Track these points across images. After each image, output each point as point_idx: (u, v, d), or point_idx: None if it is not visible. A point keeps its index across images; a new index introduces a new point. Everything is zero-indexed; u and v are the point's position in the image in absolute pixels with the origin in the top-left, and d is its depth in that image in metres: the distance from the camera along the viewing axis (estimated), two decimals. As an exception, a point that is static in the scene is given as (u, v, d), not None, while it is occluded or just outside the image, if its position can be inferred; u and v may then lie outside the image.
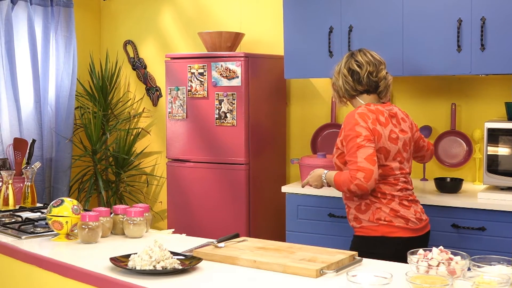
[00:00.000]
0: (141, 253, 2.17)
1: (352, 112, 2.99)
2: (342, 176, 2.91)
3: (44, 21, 4.97)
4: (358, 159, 2.84)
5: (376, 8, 3.88)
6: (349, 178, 2.85)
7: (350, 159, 2.87)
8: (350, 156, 2.87)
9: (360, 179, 2.80)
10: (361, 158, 2.83)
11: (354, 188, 2.84)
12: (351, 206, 3.02)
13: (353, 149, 2.86)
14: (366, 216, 2.95)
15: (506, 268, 1.98)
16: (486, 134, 3.54)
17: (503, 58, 3.51)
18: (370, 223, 2.94)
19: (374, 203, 2.95)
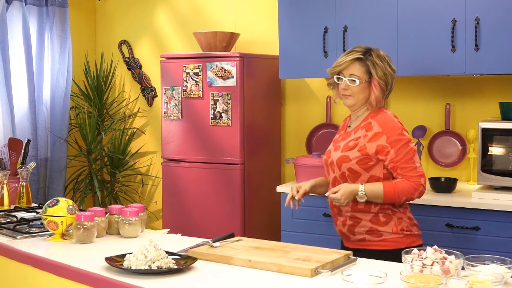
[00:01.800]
0: (136, 253, 2.17)
1: (387, 116, 2.80)
2: (399, 185, 2.70)
3: (39, 21, 4.96)
4: (417, 164, 2.73)
5: (371, 8, 3.89)
6: (413, 186, 2.70)
7: (406, 166, 2.71)
8: (407, 162, 2.71)
9: (424, 185, 2.73)
10: (418, 163, 2.75)
11: (418, 195, 2.74)
12: (364, 218, 2.77)
13: (409, 154, 2.72)
14: (389, 228, 2.75)
15: (499, 267, 1.99)
16: (480, 134, 3.56)
17: (497, 58, 3.53)
18: (394, 235, 2.76)
19: (395, 213, 2.78)
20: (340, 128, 3.03)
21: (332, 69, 2.88)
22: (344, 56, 2.84)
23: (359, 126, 2.83)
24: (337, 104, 4.45)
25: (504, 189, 3.51)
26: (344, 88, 2.82)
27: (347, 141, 2.83)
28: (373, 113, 2.82)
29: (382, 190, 2.70)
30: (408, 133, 2.79)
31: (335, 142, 2.94)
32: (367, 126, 2.79)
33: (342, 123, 3.05)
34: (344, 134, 2.91)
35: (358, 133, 2.81)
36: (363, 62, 2.80)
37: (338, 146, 2.85)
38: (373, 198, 2.71)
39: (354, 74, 2.80)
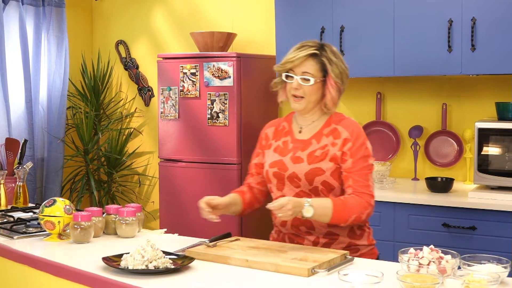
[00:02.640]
0: (133, 253, 2.16)
1: (354, 122, 2.55)
2: (349, 201, 2.40)
3: (35, 21, 4.96)
4: (370, 184, 2.46)
5: (368, 8, 3.90)
6: (363, 204, 2.42)
7: (360, 179, 2.43)
8: (361, 177, 2.44)
9: (373, 206, 2.46)
10: (371, 183, 2.47)
11: (365, 217, 2.44)
12: (342, 233, 2.52)
13: (366, 169, 2.46)
14: (364, 241, 2.57)
15: (495, 267, 2.00)
16: (477, 134, 3.56)
17: (494, 58, 3.54)
18: (369, 247, 2.59)
19: (365, 224, 2.61)
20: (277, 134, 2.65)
21: (282, 66, 2.53)
22: (296, 51, 2.50)
23: (321, 133, 2.53)
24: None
25: (501, 189, 3.51)
26: (296, 88, 2.50)
27: (310, 151, 2.50)
28: (336, 118, 2.55)
29: (330, 205, 2.37)
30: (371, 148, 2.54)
31: (281, 151, 2.58)
32: (333, 133, 2.50)
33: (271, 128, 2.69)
34: (296, 142, 2.57)
35: (323, 141, 2.50)
36: (318, 58, 2.48)
37: (298, 157, 2.51)
38: (320, 214, 2.35)
39: (308, 72, 2.48)
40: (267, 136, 2.70)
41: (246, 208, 2.68)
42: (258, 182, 2.70)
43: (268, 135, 2.70)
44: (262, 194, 2.72)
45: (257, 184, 2.71)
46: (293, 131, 2.62)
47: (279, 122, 2.71)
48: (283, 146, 2.59)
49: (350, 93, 4.42)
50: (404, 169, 4.26)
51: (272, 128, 2.70)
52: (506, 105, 3.62)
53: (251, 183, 2.72)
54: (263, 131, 2.74)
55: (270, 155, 2.62)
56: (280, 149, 2.59)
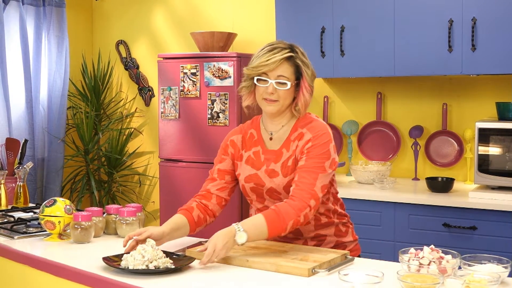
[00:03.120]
0: (133, 253, 2.16)
1: (321, 123, 2.46)
2: (282, 208, 2.27)
3: (36, 21, 4.96)
4: (316, 183, 2.32)
5: (368, 8, 3.90)
6: (298, 207, 2.27)
7: (305, 176, 2.32)
8: (310, 175, 2.32)
9: (312, 207, 2.30)
10: (319, 184, 2.32)
11: (302, 219, 2.28)
12: (329, 233, 2.50)
13: (316, 169, 2.33)
14: (349, 237, 2.56)
15: (496, 267, 2.00)
16: (477, 134, 3.56)
17: (494, 58, 3.54)
18: (354, 243, 2.58)
19: (348, 221, 2.59)
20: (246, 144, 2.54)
21: (255, 70, 2.40)
22: (269, 54, 2.38)
23: (289, 140, 2.44)
24: (335, 104, 4.46)
25: (501, 189, 3.51)
26: (271, 93, 2.38)
27: (282, 162, 2.42)
28: (303, 122, 2.45)
29: (264, 222, 2.25)
30: (336, 153, 2.43)
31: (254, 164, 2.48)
32: (299, 137, 2.42)
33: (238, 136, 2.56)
34: (267, 153, 2.47)
35: (291, 147, 2.43)
36: (292, 61, 2.40)
37: (272, 170, 2.43)
38: (255, 234, 2.23)
39: (283, 76, 2.37)
40: (234, 144, 2.56)
41: (196, 227, 2.50)
42: (219, 188, 2.54)
43: (235, 143, 2.56)
44: (220, 203, 2.55)
45: (217, 190, 2.54)
46: (263, 139, 2.51)
47: (246, 129, 2.57)
48: (255, 157, 2.49)
49: (351, 93, 4.43)
50: (404, 169, 4.26)
51: (238, 136, 2.56)
52: (507, 105, 3.62)
53: (210, 189, 2.55)
54: (227, 138, 2.59)
55: (243, 168, 2.51)
56: (252, 161, 2.49)
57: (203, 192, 2.58)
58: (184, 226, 2.46)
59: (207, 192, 2.57)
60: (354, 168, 4.07)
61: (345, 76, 4.07)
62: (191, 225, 2.48)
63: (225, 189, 2.56)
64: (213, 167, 2.61)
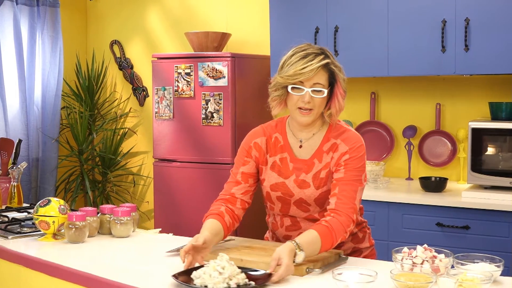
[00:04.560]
0: (208, 270, 1.94)
1: (355, 134, 2.40)
2: (333, 223, 2.22)
3: (30, 21, 4.95)
4: (356, 197, 2.30)
5: (362, 8, 3.91)
6: (346, 223, 2.24)
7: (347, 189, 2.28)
8: (351, 187, 2.29)
9: (354, 221, 2.29)
10: (358, 197, 2.31)
11: (347, 235, 2.27)
12: (346, 240, 2.43)
13: (355, 182, 2.30)
14: (366, 243, 2.53)
15: (489, 266, 2.02)
16: (470, 134, 3.58)
17: (487, 59, 3.55)
18: (369, 248, 2.54)
19: (366, 226, 2.57)
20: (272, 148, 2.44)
21: (291, 78, 2.28)
22: (304, 61, 2.28)
23: (321, 151, 2.37)
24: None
25: (494, 188, 3.53)
26: (308, 102, 2.29)
27: (314, 173, 2.36)
28: (336, 131, 2.39)
29: (318, 240, 2.18)
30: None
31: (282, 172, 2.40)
32: (333, 148, 2.36)
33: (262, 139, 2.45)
34: (297, 162, 2.40)
35: (324, 159, 2.36)
36: (327, 67, 2.31)
37: (303, 181, 2.37)
38: (310, 251, 2.15)
39: (319, 83, 2.29)
40: (258, 147, 2.45)
41: (227, 233, 2.40)
42: (243, 192, 2.46)
43: (260, 146, 2.45)
44: (244, 207, 2.48)
45: (242, 194, 2.46)
46: (290, 146, 2.42)
47: (270, 133, 2.47)
48: (282, 165, 2.41)
49: (344, 93, 4.44)
50: (398, 169, 4.27)
51: (262, 139, 2.46)
52: (499, 105, 3.64)
53: (235, 193, 2.46)
54: (251, 139, 2.48)
55: (269, 174, 2.43)
56: (279, 168, 2.41)
57: (227, 196, 2.47)
58: (220, 231, 2.34)
59: (231, 196, 2.47)
60: (348, 168, 4.07)
61: (339, 76, 4.08)
62: (224, 230, 2.36)
63: (249, 193, 2.48)
64: (236, 169, 2.50)
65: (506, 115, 3.61)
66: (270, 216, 2.55)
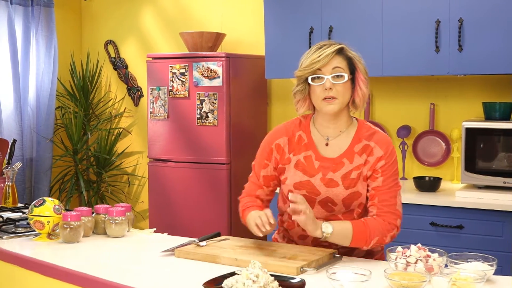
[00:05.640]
0: (239, 278, 1.85)
1: (386, 137, 2.37)
2: (371, 223, 2.25)
3: (24, 21, 4.95)
4: (398, 201, 2.31)
5: (356, 9, 3.92)
6: (387, 227, 2.27)
7: (388, 199, 2.28)
8: (390, 195, 2.29)
9: (398, 227, 2.30)
10: (399, 201, 2.32)
11: (389, 239, 2.29)
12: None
13: (395, 188, 2.32)
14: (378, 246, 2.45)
15: (482, 265, 2.03)
16: (464, 134, 3.59)
17: (480, 59, 3.57)
18: (380, 252, 2.49)
19: None
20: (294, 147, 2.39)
21: (308, 69, 2.27)
22: (320, 50, 2.28)
23: (352, 151, 2.33)
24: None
25: (488, 188, 3.54)
26: (329, 88, 2.26)
27: (344, 173, 2.31)
28: (365, 132, 2.36)
29: (350, 227, 2.24)
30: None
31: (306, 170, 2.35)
32: (366, 151, 2.33)
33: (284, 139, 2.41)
34: (323, 160, 2.34)
35: (356, 160, 2.32)
36: (344, 54, 2.31)
37: (331, 180, 2.32)
38: (340, 232, 2.22)
39: (339, 67, 2.27)
40: (280, 148, 2.42)
41: None
42: (268, 194, 2.50)
43: (282, 147, 2.41)
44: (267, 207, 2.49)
45: (266, 196, 2.50)
46: (315, 144, 2.37)
47: (293, 131, 2.42)
48: (307, 163, 2.35)
49: (339, 93, 4.45)
50: (392, 169, 4.28)
51: (284, 139, 2.41)
52: (493, 105, 3.65)
53: (260, 195, 2.49)
54: (272, 140, 2.44)
55: (292, 172, 2.37)
56: (303, 167, 2.35)
57: (253, 197, 2.49)
58: None
59: (257, 197, 2.50)
60: (343, 168, 4.09)
61: (333, 76, 4.09)
62: None
63: (271, 193, 2.53)
64: (258, 169, 2.50)
65: (499, 115, 3.62)
66: (285, 215, 2.50)
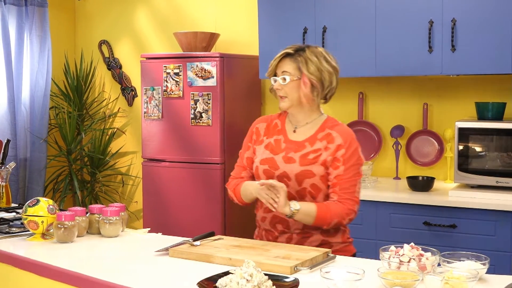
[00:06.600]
0: (233, 277, 1.87)
1: (348, 129, 2.61)
2: (332, 206, 2.48)
3: (18, 21, 4.94)
4: (357, 189, 2.53)
5: (350, 9, 3.93)
6: (346, 211, 2.49)
7: (347, 187, 2.50)
8: (350, 183, 2.50)
9: (356, 211, 2.52)
10: (358, 188, 2.54)
11: (347, 222, 2.53)
12: (315, 232, 2.56)
13: (356, 177, 2.52)
14: (338, 238, 2.61)
15: (474, 264, 2.04)
16: (457, 133, 3.61)
17: (473, 59, 3.58)
18: (342, 244, 2.62)
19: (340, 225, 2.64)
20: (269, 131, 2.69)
21: (267, 72, 2.67)
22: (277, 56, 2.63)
23: (315, 137, 2.58)
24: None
25: (480, 187, 3.56)
26: (278, 89, 2.59)
27: (303, 153, 2.55)
28: (330, 123, 2.61)
29: (315, 208, 2.46)
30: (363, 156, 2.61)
31: (273, 149, 2.61)
32: (327, 138, 2.56)
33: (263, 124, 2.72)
34: (289, 143, 2.60)
35: (317, 145, 2.55)
36: (293, 58, 2.57)
37: (290, 158, 2.55)
38: (306, 212, 2.45)
39: (286, 71, 2.58)
40: (258, 131, 2.73)
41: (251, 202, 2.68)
42: (250, 176, 2.71)
43: (259, 130, 2.73)
44: None
45: (250, 178, 2.70)
46: (286, 130, 2.66)
47: (272, 119, 2.74)
48: (275, 144, 2.63)
49: (333, 93, 4.46)
50: (386, 168, 4.30)
51: (263, 124, 2.73)
52: (486, 105, 3.67)
53: (245, 177, 2.71)
54: (254, 125, 2.77)
55: (261, 152, 2.65)
56: (272, 147, 2.62)
57: (238, 179, 2.72)
58: None
59: (242, 179, 2.71)
60: (336, 168, 4.10)
61: (327, 76, 4.09)
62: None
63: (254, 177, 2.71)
64: (243, 152, 2.76)
65: (492, 115, 3.64)
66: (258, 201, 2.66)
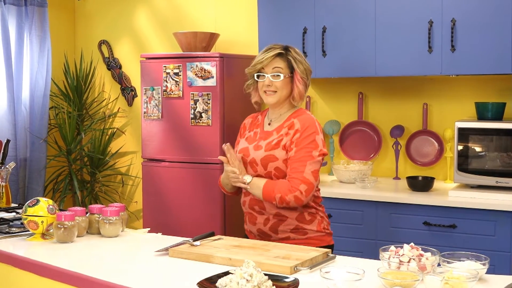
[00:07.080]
0: (233, 277, 1.89)
1: (310, 118, 2.78)
2: (278, 183, 2.68)
3: (18, 21, 4.94)
4: (305, 170, 2.65)
5: (350, 9, 3.94)
6: (288, 187, 2.64)
7: (296, 166, 2.66)
8: (299, 163, 2.66)
9: (302, 191, 2.63)
10: (308, 170, 2.66)
11: (290, 199, 2.63)
12: (290, 216, 2.72)
13: (305, 158, 2.67)
14: (313, 226, 2.75)
15: (474, 264, 2.04)
16: (457, 134, 3.61)
17: (473, 59, 3.58)
18: (318, 233, 2.75)
19: (318, 212, 2.79)
20: (251, 126, 2.95)
21: (252, 68, 2.83)
22: (264, 53, 2.80)
23: (281, 126, 2.79)
24: (317, 104, 4.49)
25: (480, 187, 3.56)
26: (268, 85, 2.78)
27: (269, 140, 2.77)
28: (297, 113, 2.80)
29: (263, 182, 2.70)
30: (324, 144, 2.74)
31: (250, 140, 2.86)
32: (289, 125, 2.76)
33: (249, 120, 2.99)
34: (262, 133, 2.84)
35: (282, 132, 2.77)
36: (284, 57, 2.78)
37: (259, 146, 2.78)
38: (254, 187, 2.71)
39: (278, 67, 2.77)
40: (244, 126, 2.99)
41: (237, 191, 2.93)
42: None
43: (246, 125, 2.99)
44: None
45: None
46: (263, 123, 2.90)
47: (257, 115, 2.99)
48: (253, 136, 2.88)
49: (332, 93, 4.46)
50: (385, 168, 4.30)
51: (249, 120, 3.00)
52: (485, 105, 3.67)
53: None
54: (244, 121, 3.03)
55: (242, 143, 2.91)
56: (250, 139, 2.88)
57: None
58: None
59: None
60: (336, 168, 4.10)
61: (327, 76, 4.10)
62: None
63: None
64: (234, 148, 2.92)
65: (492, 115, 3.64)
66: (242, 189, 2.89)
